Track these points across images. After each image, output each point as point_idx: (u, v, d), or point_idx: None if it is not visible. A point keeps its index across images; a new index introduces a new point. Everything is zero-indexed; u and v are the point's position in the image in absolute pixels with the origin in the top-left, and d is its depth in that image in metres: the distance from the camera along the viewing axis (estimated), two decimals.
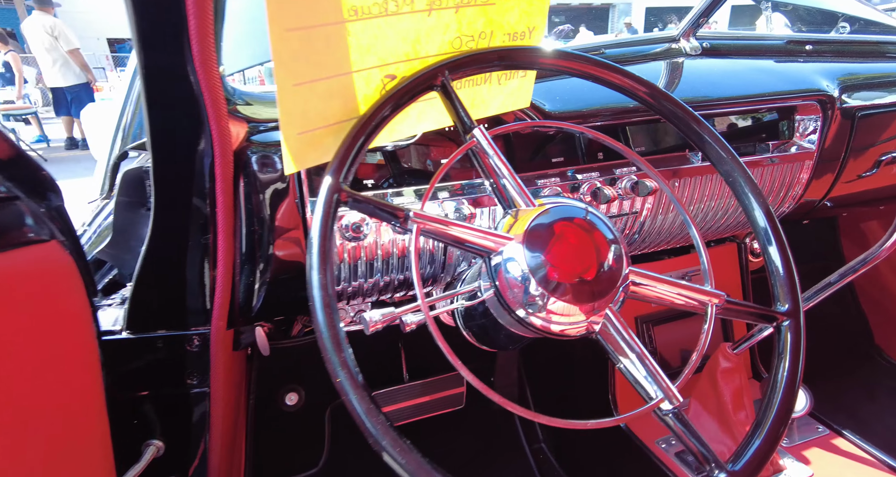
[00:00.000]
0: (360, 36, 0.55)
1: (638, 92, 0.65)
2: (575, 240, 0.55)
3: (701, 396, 1.10)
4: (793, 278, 0.60)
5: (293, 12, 0.49)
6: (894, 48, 1.20)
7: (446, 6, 0.59)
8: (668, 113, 0.65)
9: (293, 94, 0.53)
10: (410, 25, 0.58)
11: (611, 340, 0.56)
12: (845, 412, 1.40)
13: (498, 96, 0.72)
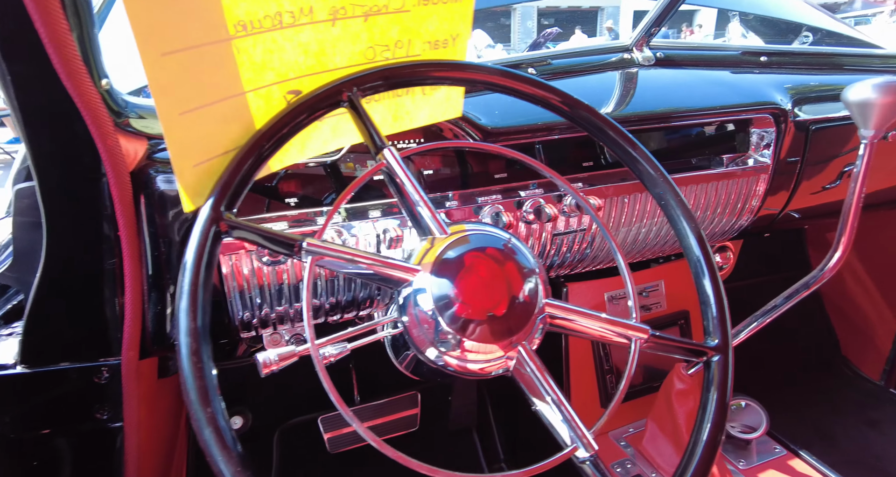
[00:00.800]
0: (252, 52, 0.51)
1: (556, 105, 0.61)
2: (485, 272, 0.51)
3: (657, 417, 1.07)
4: (723, 312, 0.57)
5: (166, 34, 0.44)
6: (850, 60, 1.18)
7: (353, 15, 0.55)
8: (592, 129, 0.61)
9: (182, 123, 0.48)
10: (312, 37, 0.54)
11: (525, 380, 0.52)
12: (809, 425, 1.38)
13: (424, 107, 0.68)
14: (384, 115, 0.66)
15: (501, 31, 22.42)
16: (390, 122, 0.68)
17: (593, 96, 0.98)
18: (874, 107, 0.80)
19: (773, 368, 1.59)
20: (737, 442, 1.09)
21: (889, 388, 1.52)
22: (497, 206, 0.84)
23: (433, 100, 0.68)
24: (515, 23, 21.51)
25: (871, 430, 1.37)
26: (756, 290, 1.58)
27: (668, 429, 1.03)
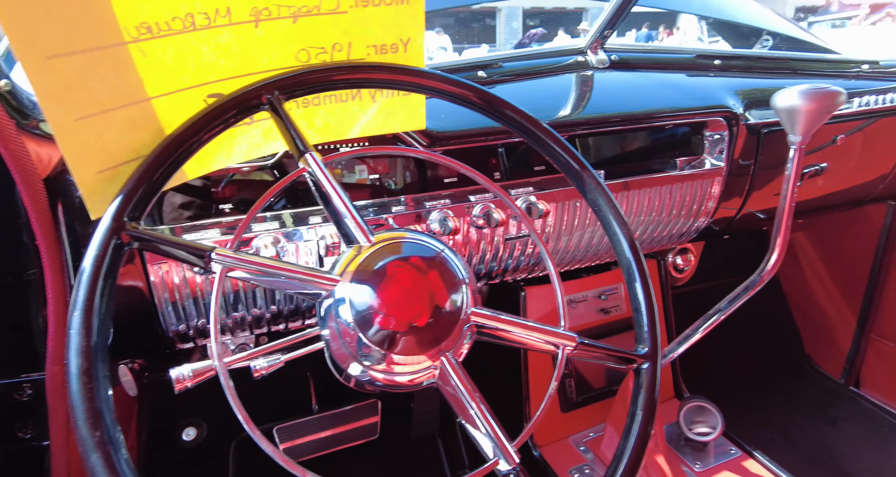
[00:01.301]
0: (162, 55, 0.48)
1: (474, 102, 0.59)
2: (407, 282, 0.49)
3: (615, 421, 1.06)
4: (653, 320, 0.56)
5: (50, 37, 0.41)
6: (802, 64, 1.20)
7: (279, 16, 0.53)
8: (521, 130, 0.60)
9: (78, 129, 0.46)
10: (232, 39, 0.52)
11: (448, 392, 0.51)
12: (770, 424, 1.39)
13: (376, 115, 0.66)
14: (327, 120, 0.65)
15: (487, 32, 22.51)
16: (335, 128, 0.66)
17: (547, 99, 0.97)
18: (800, 113, 0.81)
19: (739, 367, 1.60)
20: (694, 444, 1.09)
21: (849, 386, 1.54)
22: (446, 211, 0.83)
23: (387, 108, 0.67)
24: (501, 24, 21.59)
25: (830, 427, 1.39)
26: (720, 291, 1.59)
27: None
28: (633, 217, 1.01)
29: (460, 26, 23.25)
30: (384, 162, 0.86)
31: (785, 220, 0.93)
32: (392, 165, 0.90)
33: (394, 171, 0.93)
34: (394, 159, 0.86)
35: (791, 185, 0.90)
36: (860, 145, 1.21)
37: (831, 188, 1.26)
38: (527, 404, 1.14)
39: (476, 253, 0.90)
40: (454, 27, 23.24)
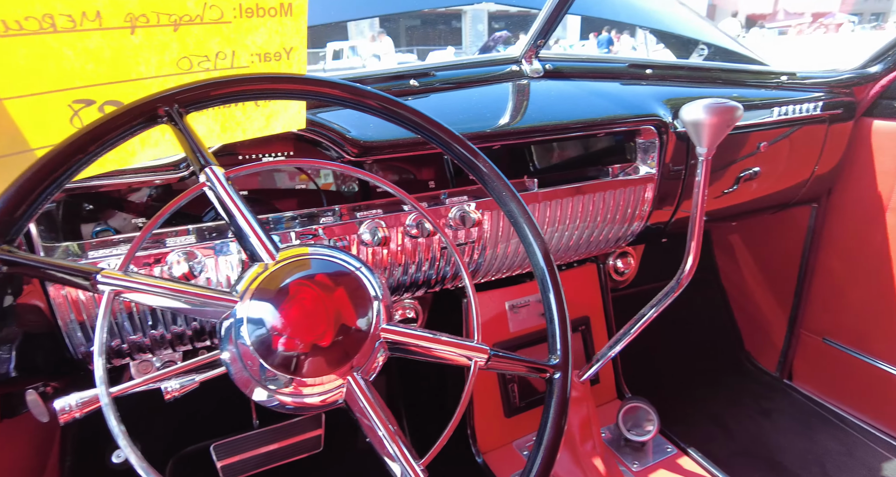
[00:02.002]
0: (11, 55, 0.46)
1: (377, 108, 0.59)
2: (310, 301, 0.48)
3: None
4: (565, 331, 0.57)
5: None
6: (726, 75, 1.25)
7: (158, 24, 0.51)
8: (435, 140, 0.60)
9: None
10: (103, 44, 0.50)
11: (358, 410, 0.50)
12: (710, 419, 1.44)
13: (257, 118, 0.65)
14: (211, 126, 0.63)
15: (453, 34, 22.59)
16: (217, 134, 0.64)
17: (482, 109, 0.98)
18: (704, 126, 0.84)
19: (682, 365, 1.66)
20: (633, 444, 1.12)
21: (783, 379, 1.61)
22: (377, 221, 0.82)
23: (269, 110, 0.66)
24: (466, 26, 21.71)
25: (765, 420, 1.45)
26: (657, 293, 1.64)
27: (565, 437, 1.04)
28: (569, 223, 1.03)
29: (426, 28, 23.25)
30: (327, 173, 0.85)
31: (697, 226, 0.97)
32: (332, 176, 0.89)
33: (331, 181, 0.92)
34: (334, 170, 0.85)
35: (701, 193, 0.94)
36: (787, 152, 1.28)
37: (763, 191, 1.32)
38: (471, 409, 1.14)
39: (412, 262, 0.90)
40: (420, 29, 23.22)
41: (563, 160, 1.15)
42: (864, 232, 1.34)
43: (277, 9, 0.59)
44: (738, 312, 1.77)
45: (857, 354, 1.42)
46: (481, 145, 0.92)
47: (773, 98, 1.20)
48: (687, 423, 1.41)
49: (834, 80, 1.27)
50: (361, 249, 0.82)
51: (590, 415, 1.02)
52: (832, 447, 1.33)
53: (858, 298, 1.39)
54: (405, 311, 1.08)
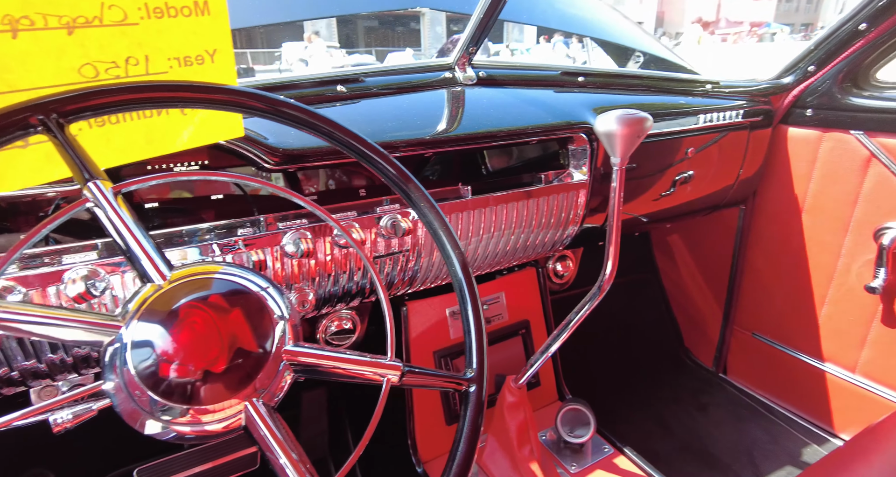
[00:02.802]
0: None
1: (327, 132, 0.57)
2: (202, 325, 0.46)
3: (495, 431, 1.08)
4: (481, 343, 0.57)
5: None
6: (655, 82, 1.29)
7: (46, 27, 0.47)
8: (354, 150, 0.59)
9: None
10: None
11: (258, 436, 0.48)
12: (649, 416, 1.49)
13: (186, 127, 0.61)
14: (132, 137, 0.59)
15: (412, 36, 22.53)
16: (143, 146, 0.61)
17: (414, 115, 0.97)
18: (616, 137, 0.87)
19: (625, 363, 1.70)
20: (572, 446, 1.14)
21: (719, 373, 1.69)
22: (302, 231, 0.80)
23: (199, 119, 0.62)
24: (425, 28, 21.70)
25: (701, 414, 1.51)
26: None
27: (504, 443, 1.05)
28: (505, 228, 1.04)
29: (385, 29, 23.10)
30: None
31: (615, 232, 0.99)
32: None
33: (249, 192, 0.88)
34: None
35: (616, 200, 0.96)
36: (716, 156, 1.33)
37: (697, 194, 1.37)
38: (412, 417, 1.13)
39: (343, 272, 0.88)
40: (379, 30, 23.05)
41: (493, 167, 1.15)
42: (784, 232, 1.41)
43: (192, 8, 0.55)
44: (677, 310, 1.84)
45: (781, 347, 1.49)
46: (413, 153, 0.91)
47: (699, 105, 1.25)
48: (628, 421, 1.45)
49: (753, 89, 1.34)
50: (286, 261, 0.79)
51: (527, 419, 1.03)
52: (759, 437, 1.40)
53: (781, 294, 1.46)
54: (342, 322, 1.06)
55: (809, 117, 1.30)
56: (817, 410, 1.42)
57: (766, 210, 1.45)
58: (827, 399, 1.39)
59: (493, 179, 1.11)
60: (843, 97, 1.23)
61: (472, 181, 1.00)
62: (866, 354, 1.29)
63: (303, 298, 0.83)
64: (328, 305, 0.92)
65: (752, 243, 1.52)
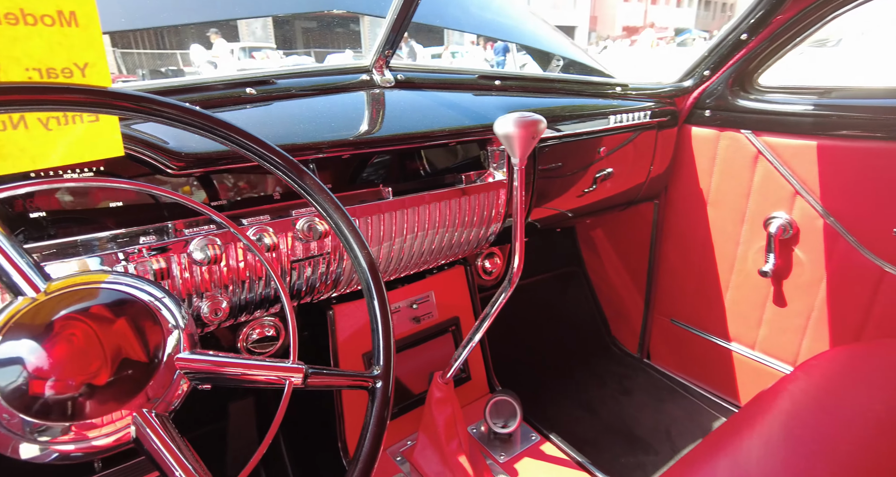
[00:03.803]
0: None
1: (222, 135, 0.56)
2: (81, 338, 0.44)
3: (425, 428, 1.10)
4: (388, 341, 0.58)
5: None
6: (569, 86, 1.36)
7: None
8: (255, 153, 0.58)
9: None
10: None
11: (150, 448, 0.47)
12: (579, 403, 1.56)
13: (56, 144, 0.58)
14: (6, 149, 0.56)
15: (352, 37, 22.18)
16: (6, 160, 0.57)
17: (330, 118, 0.97)
18: (514, 138, 0.92)
19: (556, 354, 1.78)
20: (501, 437, 1.18)
21: (643, 358, 1.79)
22: (210, 237, 0.78)
23: (71, 136, 0.59)
24: (365, 29, 21.43)
25: (626, 398, 1.60)
26: (529, 288, 1.75)
27: (433, 438, 1.07)
28: (429, 228, 1.06)
29: (323, 30, 22.61)
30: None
31: (520, 228, 1.03)
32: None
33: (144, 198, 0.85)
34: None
35: (520, 198, 1.00)
36: (631, 155, 1.42)
37: (616, 190, 1.45)
38: (340, 423, 1.13)
39: (258, 278, 0.86)
40: (316, 31, 22.54)
41: (414, 169, 1.17)
42: (692, 224, 1.53)
43: (55, 17, 0.53)
44: (603, 301, 1.94)
45: (695, 331, 1.61)
46: (331, 155, 0.91)
47: (611, 107, 1.33)
48: (558, 408, 1.51)
49: (659, 92, 1.43)
50: (194, 269, 0.77)
51: (455, 413, 1.06)
52: (678, 415, 1.51)
53: (692, 282, 1.58)
54: (264, 329, 1.04)
55: (708, 118, 1.42)
56: (726, 387, 1.54)
57: (676, 204, 1.56)
58: (733, 376, 1.52)
59: (415, 181, 1.12)
60: (734, 99, 1.35)
61: (394, 183, 1.02)
62: (763, 331, 1.42)
63: (215, 306, 0.81)
64: (245, 313, 0.91)
65: (665, 236, 1.63)
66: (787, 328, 1.36)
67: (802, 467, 0.74)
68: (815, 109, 1.20)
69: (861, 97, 1.16)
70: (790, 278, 1.33)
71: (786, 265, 1.33)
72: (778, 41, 1.25)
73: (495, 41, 11.90)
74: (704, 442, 0.82)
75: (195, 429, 1.18)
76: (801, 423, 0.84)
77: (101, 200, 0.79)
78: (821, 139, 1.20)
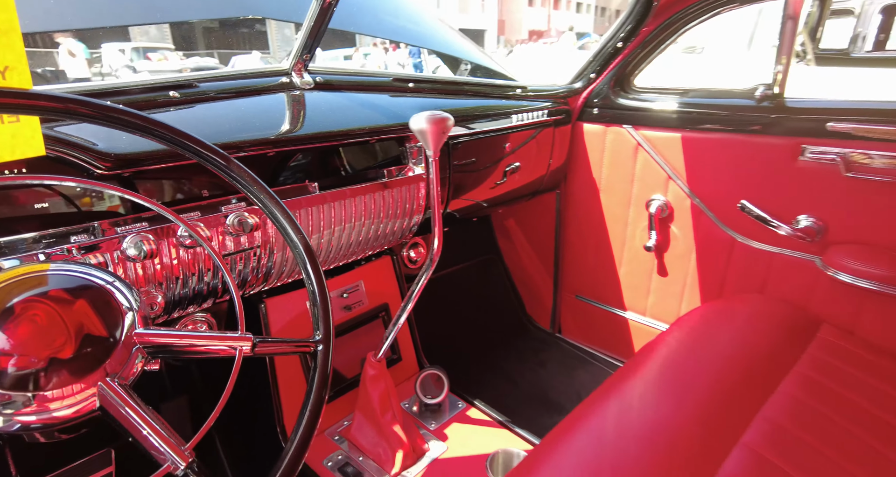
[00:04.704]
0: None
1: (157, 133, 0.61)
2: (44, 317, 0.48)
3: (361, 406, 1.18)
4: (326, 309, 0.66)
5: None
6: (475, 88, 1.50)
7: None
8: (191, 151, 0.64)
9: None
10: None
11: (116, 413, 0.52)
12: (501, 375, 1.71)
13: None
14: None
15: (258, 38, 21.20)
16: None
17: (254, 118, 1.01)
18: (428, 133, 1.04)
19: (478, 334, 1.92)
20: (431, 407, 1.29)
21: (555, 333, 1.99)
22: (144, 234, 0.81)
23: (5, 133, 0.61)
24: (272, 30, 20.57)
25: (542, 369, 1.78)
26: (452, 275, 1.88)
27: (369, 415, 1.16)
28: (355, 221, 1.14)
29: (226, 30, 21.40)
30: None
31: (437, 215, 1.15)
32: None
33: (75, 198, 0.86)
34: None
35: (435, 187, 1.12)
36: (534, 150, 1.59)
37: (523, 181, 1.61)
38: (276, 397, 1.17)
39: (191, 274, 0.90)
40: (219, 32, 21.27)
41: (339, 165, 1.25)
42: (589, 209, 1.74)
43: None
44: (518, 284, 2.12)
45: (598, 304, 1.83)
46: (256, 152, 0.96)
47: (513, 106, 1.48)
48: (481, 381, 1.65)
49: (554, 93, 1.62)
50: (128, 266, 0.80)
51: (388, 389, 1.15)
52: (586, 380, 1.71)
53: (592, 261, 1.79)
54: (196, 325, 1.06)
55: (596, 115, 1.62)
56: (625, 351, 1.77)
57: (575, 192, 1.76)
58: (630, 341, 1.75)
59: (340, 176, 1.20)
60: (615, 98, 1.57)
61: (320, 179, 1.09)
62: (651, 299, 1.65)
63: (151, 301, 0.84)
64: (179, 309, 0.94)
65: (567, 221, 1.84)
66: (669, 294, 1.60)
67: (672, 399, 0.92)
68: (680, 107, 1.44)
69: (716, 97, 1.41)
70: (668, 251, 1.57)
71: (664, 240, 1.56)
72: (647, 48, 1.48)
73: (398, 45, 12.03)
74: (598, 389, 0.98)
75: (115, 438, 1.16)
76: (672, 364, 1.04)
77: (23, 203, 0.79)
78: (685, 132, 1.44)
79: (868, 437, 0.88)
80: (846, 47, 4.41)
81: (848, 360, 1.09)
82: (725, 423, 0.89)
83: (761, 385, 0.99)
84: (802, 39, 4.26)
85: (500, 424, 1.28)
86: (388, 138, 1.21)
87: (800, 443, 0.86)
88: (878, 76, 3.31)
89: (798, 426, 0.89)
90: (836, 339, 1.17)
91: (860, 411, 0.93)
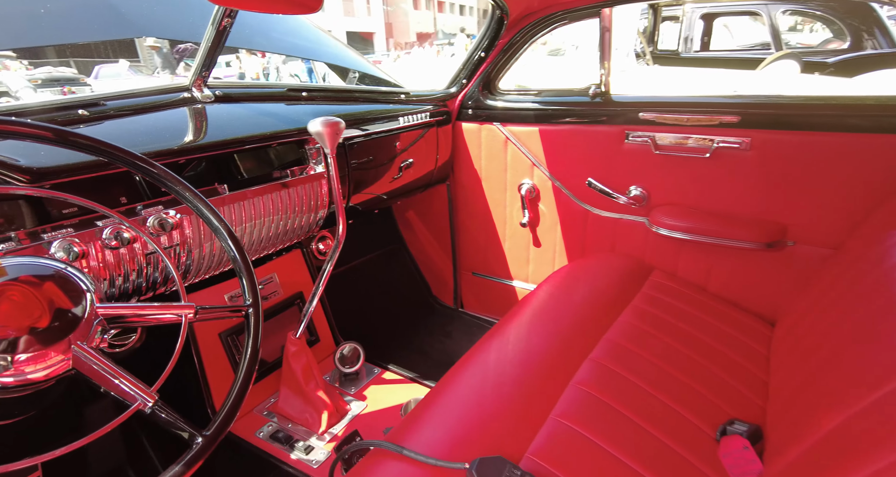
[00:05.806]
0: None
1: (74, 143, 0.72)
2: (19, 296, 0.60)
3: (286, 381, 1.33)
4: (251, 279, 0.82)
5: None
6: (364, 95, 1.70)
7: None
8: (123, 162, 0.76)
9: None
10: None
11: (89, 371, 0.65)
12: (413, 348, 1.92)
13: None
14: None
15: (123, 45, 19.28)
16: None
17: (162, 130, 1.11)
18: (324, 135, 1.23)
19: (389, 315, 2.12)
20: (350, 376, 1.46)
21: (458, 308, 2.25)
22: (70, 238, 0.90)
23: None
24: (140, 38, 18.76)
25: (448, 339, 2.02)
26: (365, 266, 2.06)
27: (294, 387, 1.31)
28: (264, 217, 1.28)
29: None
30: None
31: (338, 204, 1.33)
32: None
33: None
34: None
35: (336, 182, 1.30)
36: (424, 147, 1.81)
37: (416, 175, 1.83)
38: (204, 375, 1.28)
39: (118, 274, 0.99)
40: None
41: (245, 168, 1.38)
42: (474, 196, 2.01)
43: None
44: (423, 268, 2.34)
45: (490, 278, 2.11)
46: (168, 161, 1.07)
47: (400, 110, 1.70)
48: (396, 355, 1.86)
49: (434, 96, 1.86)
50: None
51: (309, 362, 1.31)
52: None
53: (482, 240, 2.07)
54: None
55: (471, 115, 1.89)
56: None
57: (461, 182, 2.03)
58: None
59: (248, 178, 1.33)
60: (485, 100, 1.85)
61: (229, 182, 1.21)
62: (531, 267, 1.96)
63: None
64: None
65: (458, 208, 2.09)
66: (544, 261, 1.92)
67: (541, 333, 1.19)
68: (536, 105, 1.75)
69: (562, 95, 1.73)
70: (539, 225, 1.88)
71: (535, 217, 1.87)
72: (505, 56, 1.77)
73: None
74: (484, 336, 1.22)
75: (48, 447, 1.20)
76: (540, 312, 1.32)
77: None
78: (541, 125, 1.75)
79: (681, 346, 1.21)
80: (677, 49, 5.20)
81: (669, 294, 1.45)
82: (579, 345, 1.18)
83: (606, 316, 1.30)
84: (642, 42, 4.92)
85: (413, 380, 1.49)
86: (288, 141, 1.36)
87: (632, 355, 1.17)
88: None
89: (631, 343, 1.20)
90: (662, 280, 1.53)
91: (676, 330, 1.27)
